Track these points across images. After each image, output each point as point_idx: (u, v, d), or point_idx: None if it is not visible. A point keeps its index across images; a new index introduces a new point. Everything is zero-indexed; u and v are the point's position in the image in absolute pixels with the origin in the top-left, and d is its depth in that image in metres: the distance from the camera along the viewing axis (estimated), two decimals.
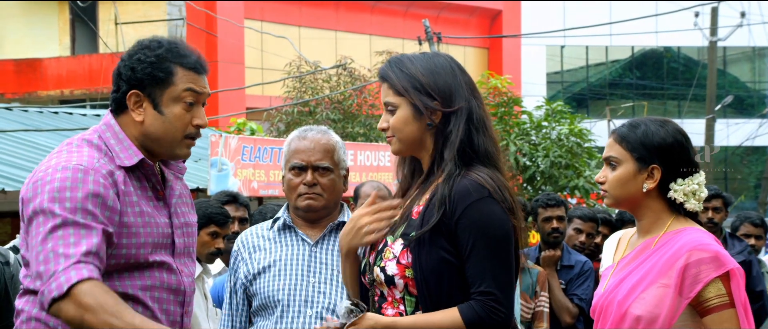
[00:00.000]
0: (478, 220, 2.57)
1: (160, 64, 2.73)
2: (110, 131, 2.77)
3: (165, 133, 2.75)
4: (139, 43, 2.79)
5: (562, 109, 14.77)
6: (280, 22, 22.30)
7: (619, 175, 2.84)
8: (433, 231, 2.60)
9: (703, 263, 2.72)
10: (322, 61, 18.28)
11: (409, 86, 2.68)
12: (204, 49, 21.67)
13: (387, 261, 2.66)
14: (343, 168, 3.46)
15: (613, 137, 2.89)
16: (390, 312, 2.67)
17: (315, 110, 16.55)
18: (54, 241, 2.54)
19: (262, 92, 20.56)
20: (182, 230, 2.85)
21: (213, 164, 10.66)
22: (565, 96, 32.21)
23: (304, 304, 3.34)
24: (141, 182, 2.77)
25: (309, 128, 3.51)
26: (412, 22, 19.97)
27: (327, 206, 3.42)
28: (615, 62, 34.99)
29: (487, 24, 27.43)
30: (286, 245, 3.44)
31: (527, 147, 14.19)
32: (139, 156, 2.74)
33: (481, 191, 2.58)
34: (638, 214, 2.89)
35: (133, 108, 2.75)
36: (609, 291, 2.86)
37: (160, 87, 2.73)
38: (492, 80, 14.92)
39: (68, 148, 2.73)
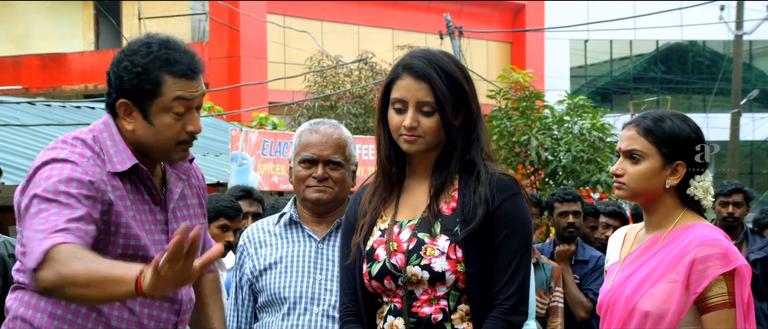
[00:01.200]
0: (514, 213, 2.69)
1: (146, 76, 2.63)
2: (107, 130, 2.70)
3: (156, 142, 2.68)
4: (129, 47, 2.69)
5: (585, 103, 14.68)
6: (302, 17, 22.31)
7: (643, 169, 2.79)
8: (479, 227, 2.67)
9: (711, 259, 2.69)
10: (343, 55, 18.28)
11: (450, 95, 2.71)
12: (227, 44, 21.76)
13: (432, 258, 2.66)
14: (353, 164, 3.43)
15: (635, 129, 2.82)
16: (426, 309, 2.67)
17: (336, 104, 16.56)
18: (38, 222, 2.48)
19: (285, 87, 20.58)
20: None
21: (233, 158, 10.67)
22: (589, 91, 32.05)
23: (311, 302, 3.32)
24: (136, 185, 2.70)
25: (320, 121, 3.47)
26: (434, 16, 19.94)
27: (335, 200, 3.39)
28: (639, 56, 34.77)
29: (510, 18, 27.33)
30: (292, 241, 3.41)
31: (549, 142, 14.11)
32: (133, 161, 2.67)
33: (516, 187, 2.72)
34: (651, 209, 2.84)
35: (123, 117, 2.67)
36: (616, 286, 2.82)
37: (148, 98, 2.64)
38: (514, 75, 14.85)
39: (61, 144, 2.67)
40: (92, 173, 2.60)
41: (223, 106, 18.09)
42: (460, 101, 2.72)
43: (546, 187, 14.25)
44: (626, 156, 2.83)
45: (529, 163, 14.32)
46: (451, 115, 2.70)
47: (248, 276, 3.44)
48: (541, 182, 14.37)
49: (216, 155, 12.89)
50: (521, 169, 14.53)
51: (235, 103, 20.18)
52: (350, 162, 3.42)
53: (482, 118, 2.78)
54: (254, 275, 3.42)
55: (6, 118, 11.98)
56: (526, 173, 14.51)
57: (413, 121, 2.69)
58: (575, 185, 14.03)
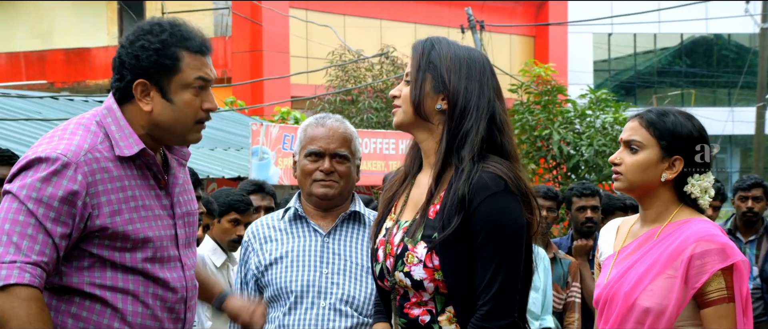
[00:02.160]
0: (492, 215, 2.55)
1: (165, 51, 2.63)
2: (111, 116, 2.68)
3: (176, 121, 2.67)
4: (140, 28, 2.68)
5: (607, 97, 14.61)
6: (324, 12, 22.33)
7: (640, 160, 2.80)
8: (457, 231, 2.58)
9: (709, 254, 2.69)
10: (366, 49, 18.29)
11: (420, 66, 2.66)
12: (249, 39, 21.80)
13: (412, 266, 2.63)
14: (358, 158, 3.45)
15: (637, 120, 2.84)
16: (415, 311, 2.66)
17: (357, 98, 16.57)
18: (11, 225, 2.51)
19: (307, 81, 20.61)
20: (184, 220, 2.78)
21: (254, 152, 10.71)
22: (613, 84, 31.88)
23: (318, 296, 3.32)
24: (142, 170, 2.69)
25: (325, 115, 3.49)
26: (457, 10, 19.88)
27: (342, 194, 3.40)
28: (664, 50, 34.56)
29: (533, 12, 27.22)
30: (297, 236, 3.41)
31: (571, 136, 14.05)
32: (140, 146, 2.66)
33: (498, 184, 2.57)
34: (646, 202, 2.85)
35: (140, 98, 2.65)
36: (613, 281, 2.82)
37: (168, 75, 2.64)
38: (535, 69, 14.80)
39: (62, 132, 2.65)
40: (89, 170, 2.58)
41: (245, 100, 18.14)
42: (431, 78, 2.66)
43: (568, 181, 14.19)
44: (626, 146, 2.84)
45: (551, 157, 14.27)
46: (418, 87, 2.65)
47: (253, 271, 3.44)
48: (562, 177, 14.31)
49: (237, 149, 12.94)
50: (543, 163, 14.48)
51: (258, 97, 20.23)
52: (355, 157, 3.43)
53: (498, 119, 2.65)
54: (260, 270, 3.42)
55: (29, 112, 12.08)
56: (548, 168, 14.45)
57: (396, 91, 2.72)
58: (597, 180, 13.96)
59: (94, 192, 2.58)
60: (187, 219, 2.80)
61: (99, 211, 2.59)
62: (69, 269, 2.61)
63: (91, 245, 2.60)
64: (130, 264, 2.63)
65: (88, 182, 2.57)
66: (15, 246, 2.50)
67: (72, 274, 2.61)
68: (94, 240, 2.60)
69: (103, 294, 2.61)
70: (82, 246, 2.60)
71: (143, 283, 2.65)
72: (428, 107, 2.66)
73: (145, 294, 2.64)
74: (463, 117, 2.63)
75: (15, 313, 2.46)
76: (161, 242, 2.68)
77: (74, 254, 2.61)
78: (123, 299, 2.62)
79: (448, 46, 2.69)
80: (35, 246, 2.51)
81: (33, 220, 2.52)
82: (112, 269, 2.62)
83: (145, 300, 2.65)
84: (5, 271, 2.48)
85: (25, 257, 2.50)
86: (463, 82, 2.65)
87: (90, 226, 2.58)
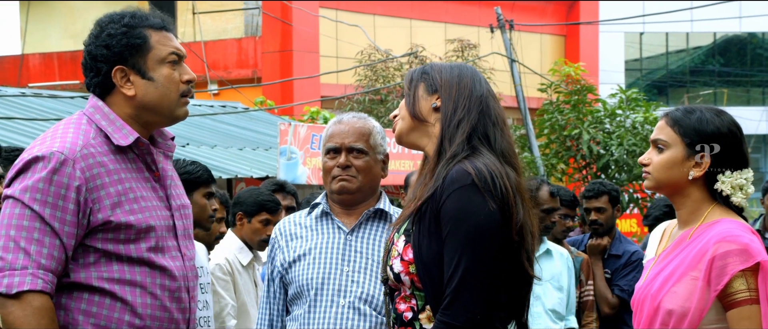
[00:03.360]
0: (454, 208, 2.53)
1: (132, 32, 2.69)
2: (99, 112, 2.72)
3: (161, 97, 2.71)
4: (99, 23, 2.74)
5: (637, 96, 14.51)
6: (354, 11, 22.35)
7: (665, 158, 2.78)
8: (430, 220, 2.57)
9: (730, 255, 2.65)
10: (395, 49, 18.28)
11: (421, 76, 2.75)
12: (279, 39, 21.86)
13: (393, 259, 2.65)
14: (380, 153, 3.43)
15: (664, 119, 2.83)
16: (402, 306, 2.66)
17: (386, 98, 16.56)
18: (17, 231, 2.55)
19: (337, 81, 20.63)
20: (180, 212, 2.81)
21: (282, 152, 10.74)
22: (644, 84, 31.65)
23: (337, 293, 3.32)
24: (136, 163, 2.73)
25: (347, 113, 3.51)
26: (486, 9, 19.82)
27: (361, 189, 3.39)
28: (696, 49, 34.27)
29: (564, 11, 27.08)
30: (322, 233, 3.42)
31: (601, 136, 13.98)
32: (134, 135, 2.70)
33: (464, 179, 2.54)
34: (678, 202, 2.81)
35: (121, 84, 2.70)
36: (646, 284, 2.81)
37: (142, 54, 2.70)
38: (565, 68, 14.73)
39: (54, 132, 2.69)
40: (85, 165, 2.61)
41: (275, 100, 18.19)
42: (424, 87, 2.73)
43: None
44: (654, 146, 2.83)
45: (581, 157, 14.20)
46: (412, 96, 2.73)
47: (279, 268, 3.46)
48: (592, 176, 14.23)
49: (265, 149, 12.98)
50: (573, 163, 14.41)
51: (288, 97, 20.28)
52: (376, 151, 3.42)
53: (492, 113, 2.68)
54: (284, 267, 3.44)
55: (60, 112, 12.19)
56: (578, 167, 14.39)
57: (397, 109, 2.79)
58: (627, 180, 13.88)
59: (93, 187, 2.61)
60: (183, 211, 2.83)
61: (100, 205, 2.62)
62: (76, 266, 2.64)
63: (96, 241, 2.64)
64: (136, 254, 2.66)
65: (86, 177, 2.61)
66: (24, 252, 2.53)
67: (79, 270, 2.63)
68: (97, 235, 2.63)
69: (112, 287, 2.64)
70: (87, 243, 2.64)
71: (150, 274, 2.68)
72: (424, 108, 2.70)
73: (152, 285, 2.67)
74: (456, 108, 2.67)
75: (27, 322, 2.50)
76: (161, 231, 2.71)
77: (80, 251, 2.64)
78: (131, 291, 2.65)
79: (444, 65, 2.77)
80: (43, 250, 2.54)
81: (38, 223, 2.56)
82: (118, 262, 2.65)
83: (153, 290, 2.68)
84: (18, 278, 2.52)
85: (35, 262, 2.53)
86: (454, 78, 2.70)
87: (93, 221, 2.61)
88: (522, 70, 15.36)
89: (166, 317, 2.69)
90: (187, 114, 2.78)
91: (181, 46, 2.79)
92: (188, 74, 2.75)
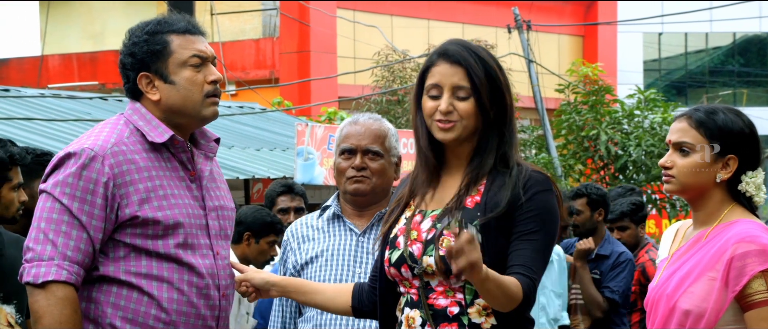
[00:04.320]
0: (545, 210, 2.63)
1: (153, 38, 2.77)
2: (137, 113, 2.82)
3: (185, 99, 2.78)
4: (129, 33, 2.84)
5: (656, 97, 14.46)
6: (372, 12, 22.36)
7: (692, 162, 2.73)
8: (500, 220, 2.61)
9: (749, 256, 2.62)
10: (413, 49, 18.27)
11: (486, 81, 2.67)
12: (297, 39, 21.90)
13: (444, 250, 2.59)
14: (394, 155, 3.42)
15: (686, 121, 2.77)
16: (442, 302, 2.63)
17: (403, 99, 16.56)
18: (47, 224, 2.67)
19: (354, 81, 20.65)
20: (217, 212, 2.85)
21: (299, 153, 10.75)
22: (663, 84, 31.53)
23: None
24: (171, 162, 2.80)
25: (362, 114, 3.50)
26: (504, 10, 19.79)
27: (375, 191, 3.38)
28: (716, 49, 34.10)
29: (582, 11, 27.01)
30: (333, 235, 3.42)
31: (619, 136, 13.93)
32: (169, 133, 2.78)
33: (548, 184, 2.66)
34: (699, 204, 2.79)
35: (147, 90, 2.79)
36: (660, 284, 2.78)
37: (162, 59, 2.77)
38: (583, 68, 14.69)
39: (90, 132, 2.80)
40: (114, 161, 2.70)
41: (292, 100, 18.22)
42: (494, 89, 2.68)
43: (615, 182, 14.06)
44: (676, 148, 2.77)
45: (599, 157, 14.15)
46: (487, 101, 2.66)
47: (291, 270, 3.46)
48: (610, 177, 14.19)
49: (283, 149, 13.01)
50: (590, 164, 14.37)
51: (305, 97, 20.31)
52: (390, 154, 3.40)
53: (515, 116, 2.73)
54: (296, 269, 3.44)
55: (78, 113, 12.25)
56: (595, 168, 14.34)
57: (448, 105, 2.65)
58: (646, 180, 13.82)
59: (121, 183, 2.70)
60: (221, 213, 2.88)
61: (128, 200, 2.70)
62: (105, 259, 2.72)
63: (124, 235, 2.72)
64: (163, 250, 2.73)
65: (114, 173, 2.70)
66: (52, 244, 2.65)
67: (108, 264, 2.72)
68: (126, 230, 2.72)
69: (139, 281, 2.71)
70: (116, 237, 2.72)
71: (177, 270, 2.73)
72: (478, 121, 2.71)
73: (179, 281, 2.73)
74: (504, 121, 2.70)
75: (50, 311, 2.61)
76: (191, 229, 2.76)
77: (109, 245, 2.73)
78: (158, 286, 2.72)
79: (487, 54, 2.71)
80: (70, 242, 2.65)
81: (67, 217, 2.66)
82: (146, 257, 2.72)
83: (180, 286, 2.73)
84: (44, 268, 2.64)
85: (61, 254, 2.64)
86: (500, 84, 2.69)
87: (121, 216, 2.70)
88: (539, 70, 15.33)
89: (192, 313, 2.74)
90: (216, 114, 2.82)
91: (208, 46, 2.83)
92: (213, 75, 2.80)
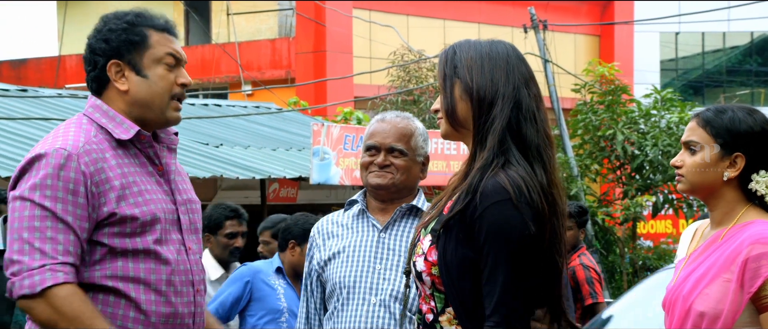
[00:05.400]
0: (492, 223, 2.45)
1: (132, 29, 2.72)
2: (98, 111, 2.75)
3: (153, 96, 2.73)
4: (104, 18, 2.77)
5: (672, 97, 14.40)
6: (388, 12, 22.36)
7: (699, 160, 2.74)
8: (460, 228, 2.50)
9: (764, 257, 2.61)
10: (429, 49, 18.25)
11: (454, 70, 2.60)
12: (313, 39, 21.92)
13: (417, 257, 2.60)
14: (420, 155, 3.43)
15: (695, 120, 2.79)
16: (424, 307, 2.63)
17: (419, 98, 16.56)
18: (30, 232, 2.56)
19: (370, 81, 20.66)
20: (186, 206, 2.82)
21: (315, 153, 10.77)
22: (680, 84, 31.40)
23: (369, 291, 3.33)
24: (138, 158, 2.74)
25: (391, 112, 3.51)
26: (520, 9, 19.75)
27: (396, 185, 3.39)
28: (733, 49, 33.93)
29: (598, 11, 26.93)
30: (356, 230, 3.45)
31: (635, 136, 13.88)
32: (135, 128, 2.72)
33: (501, 194, 2.46)
34: (712, 203, 2.78)
35: (115, 79, 2.74)
36: (677, 285, 2.77)
37: (138, 51, 2.72)
38: (599, 68, 14.65)
39: (55, 133, 2.72)
40: (89, 159, 2.63)
41: (308, 100, 18.24)
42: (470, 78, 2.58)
43: (632, 182, 14.03)
44: (686, 148, 2.78)
45: (615, 157, 14.11)
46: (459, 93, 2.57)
47: (315, 266, 3.49)
48: (626, 177, 14.15)
49: (299, 149, 13.02)
50: (607, 163, 14.33)
51: (321, 97, 20.33)
52: (416, 153, 3.42)
53: (524, 106, 2.55)
54: (320, 265, 3.47)
55: None
56: (612, 168, 14.31)
57: (437, 104, 2.64)
58: (662, 180, 13.78)
59: (98, 180, 2.63)
60: (189, 206, 2.84)
61: (105, 198, 2.64)
62: (82, 264, 2.65)
63: (102, 236, 2.65)
64: (142, 246, 2.67)
65: (90, 171, 2.63)
66: (39, 252, 2.55)
67: (84, 269, 2.65)
68: (103, 230, 2.65)
69: (116, 284, 2.66)
70: (93, 238, 2.66)
71: (154, 270, 2.69)
72: (462, 112, 2.59)
73: (157, 281, 2.69)
74: (491, 108, 2.56)
75: (62, 311, 2.53)
76: (165, 224, 2.72)
77: (87, 248, 2.66)
78: (136, 288, 2.67)
79: (469, 46, 2.64)
80: (59, 247, 2.57)
81: (50, 221, 2.57)
82: (123, 258, 2.66)
83: (158, 287, 2.69)
84: (38, 276, 2.54)
85: (52, 259, 2.55)
86: (486, 75, 2.57)
87: (99, 215, 2.64)
88: (556, 70, 15.29)
89: (170, 312, 2.71)
90: (179, 119, 2.79)
91: (182, 50, 2.82)
92: (184, 78, 2.77)
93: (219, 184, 12.36)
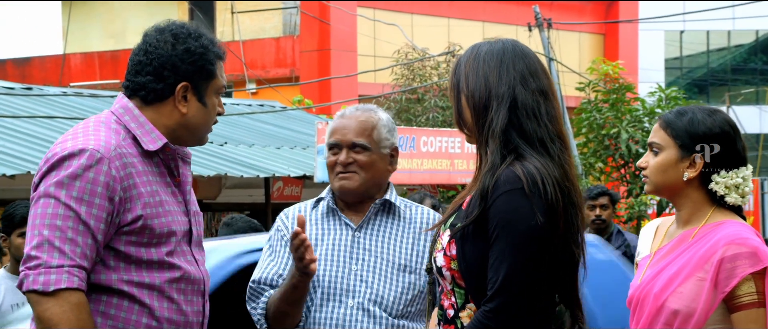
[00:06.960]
0: (502, 212, 2.47)
1: (207, 56, 2.71)
2: (129, 114, 2.69)
3: (204, 123, 2.75)
4: (173, 33, 2.71)
5: (677, 95, 14.41)
6: (392, 10, 22.38)
7: (660, 161, 2.78)
8: (477, 224, 2.52)
9: (739, 257, 2.64)
10: (433, 48, 18.27)
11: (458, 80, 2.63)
12: (317, 38, 21.96)
13: (437, 252, 2.61)
14: (385, 147, 3.25)
15: (658, 122, 2.84)
16: (445, 303, 2.63)
17: (423, 97, 16.57)
18: (51, 230, 2.54)
19: (375, 80, 20.68)
20: (195, 218, 2.81)
21: (319, 151, 10.78)
22: (685, 82, 31.39)
23: (346, 294, 3.18)
24: (159, 168, 2.72)
25: (355, 106, 3.36)
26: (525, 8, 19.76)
27: (364, 185, 3.22)
28: (738, 47, 33.92)
29: (603, 9, 26.93)
30: (328, 230, 3.26)
31: (640, 134, 13.88)
32: (163, 140, 2.69)
33: (514, 183, 2.47)
34: (678, 203, 2.82)
35: (179, 100, 2.70)
36: (645, 282, 2.79)
37: (207, 80, 2.71)
38: (603, 66, 14.65)
39: (84, 129, 2.66)
40: (120, 164, 2.60)
41: (313, 99, 18.27)
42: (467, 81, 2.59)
43: (636, 180, 14.03)
44: (650, 149, 2.84)
45: (619, 156, 14.11)
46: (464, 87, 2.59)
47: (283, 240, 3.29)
48: (630, 176, 14.15)
49: (303, 148, 13.04)
50: (611, 162, 14.33)
51: (325, 96, 20.36)
52: (381, 145, 3.24)
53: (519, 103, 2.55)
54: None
55: (100, 111, 12.30)
56: (616, 166, 14.31)
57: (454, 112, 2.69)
58: None
59: (127, 186, 2.60)
60: (197, 218, 2.84)
61: (132, 205, 2.61)
62: (97, 267, 2.63)
63: (119, 242, 2.63)
64: (156, 257, 2.65)
65: (120, 176, 2.59)
66: (59, 251, 2.53)
67: (100, 272, 2.63)
68: (121, 237, 2.63)
69: (131, 290, 2.64)
70: (110, 244, 2.63)
71: (168, 279, 2.68)
72: (468, 119, 2.61)
73: (170, 289, 2.68)
74: (486, 111, 2.56)
75: (67, 318, 2.52)
76: (179, 237, 2.72)
77: (103, 252, 2.63)
78: (149, 294, 2.65)
79: (470, 51, 2.65)
80: (77, 249, 2.54)
81: (71, 222, 2.54)
82: (137, 265, 2.65)
83: (170, 294, 2.68)
84: (54, 275, 2.52)
85: (70, 261, 2.53)
86: (480, 79, 2.57)
87: (123, 220, 2.61)
88: (560, 69, 15.31)
89: (182, 321, 2.70)
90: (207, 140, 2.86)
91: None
92: (222, 106, 2.81)
93: (223, 182, 12.38)
